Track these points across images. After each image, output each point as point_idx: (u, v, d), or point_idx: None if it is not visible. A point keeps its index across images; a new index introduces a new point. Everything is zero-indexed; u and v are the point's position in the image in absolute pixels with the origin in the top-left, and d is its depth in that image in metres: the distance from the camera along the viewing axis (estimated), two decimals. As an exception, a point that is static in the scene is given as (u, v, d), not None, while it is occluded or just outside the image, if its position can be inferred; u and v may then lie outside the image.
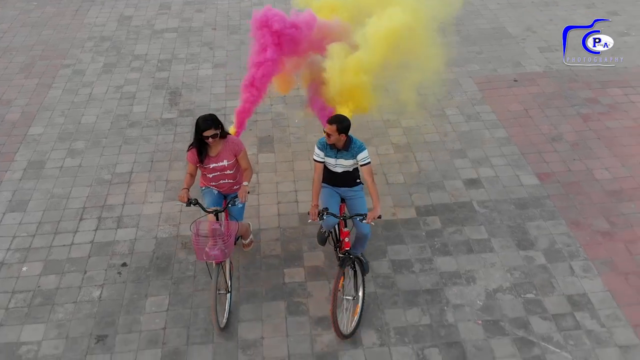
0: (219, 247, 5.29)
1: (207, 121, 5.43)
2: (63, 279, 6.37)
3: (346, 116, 5.47)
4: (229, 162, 5.64)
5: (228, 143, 5.63)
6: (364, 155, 5.52)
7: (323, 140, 5.58)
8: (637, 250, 6.53)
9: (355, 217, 5.49)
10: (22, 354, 5.62)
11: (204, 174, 5.77)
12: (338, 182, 5.76)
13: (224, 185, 5.81)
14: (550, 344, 5.60)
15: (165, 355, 5.57)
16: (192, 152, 5.61)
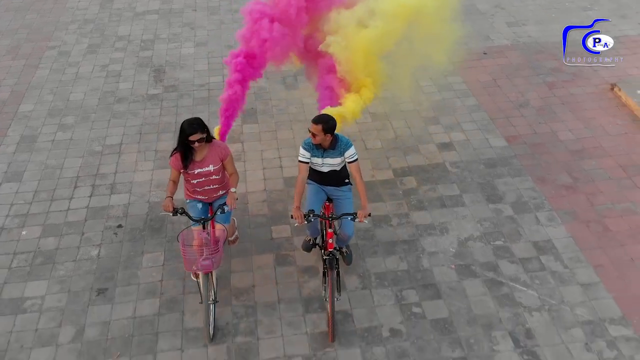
0: (208, 256, 5.14)
1: (193, 125, 5.21)
2: (62, 240, 6.73)
3: (332, 116, 5.38)
4: (215, 166, 5.44)
5: (214, 147, 5.43)
6: (352, 152, 5.45)
7: (309, 141, 5.45)
8: (598, 201, 7.07)
9: (344, 217, 5.37)
10: (27, 307, 5.98)
11: (188, 179, 5.52)
12: (325, 181, 5.69)
13: (208, 191, 5.60)
14: (517, 284, 6.11)
15: (163, 303, 5.98)
16: (176, 157, 5.39)
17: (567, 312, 5.81)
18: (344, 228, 5.62)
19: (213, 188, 5.57)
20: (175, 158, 5.40)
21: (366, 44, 6.81)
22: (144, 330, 5.73)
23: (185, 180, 5.56)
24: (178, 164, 5.40)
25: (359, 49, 6.81)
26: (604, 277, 6.14)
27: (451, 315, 5.82)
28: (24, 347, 5.61)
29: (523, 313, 5.82)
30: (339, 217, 5.40)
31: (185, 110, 8.87)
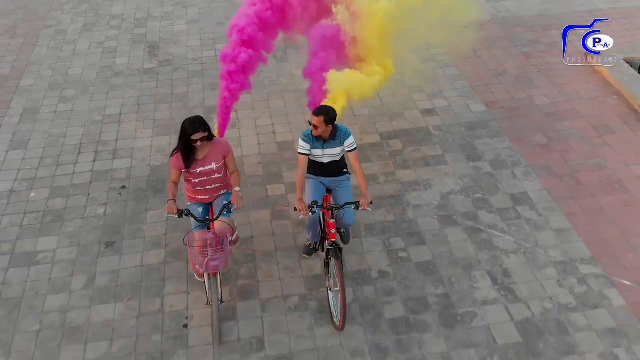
0: (214, 257, 5.15)
1: (195, 124, 5.12)
2: (69, 200, 7.16)
3: (332, 107, 5.39)
4: (217, 164, 5.36)
5: (215, 145, 5.35)
6: (351, 141, 5.45)
7: (308, 133, 5.42)
8: (570, 158, 7.59)
9: (347, 206, 5.37)
10: (40, 259, 6.42)
11: (189, 179, 5.42)
12: (325, 172, 5.67)
13: (210, 190, 5.52)
14: (495, 231, 6.62)
15: (168, 254, 6.43)
16: (177, 157, 5.28)
17: (541, 254, 6.32)
18: (346, 217, 5.56)
19: (215, 187, 5.49)
20: (176, 158, 5.27)
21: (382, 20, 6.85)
22: (151, 277, 6.18)
23: (186, 180, 5.45)
24: (179, 164, 5.27)
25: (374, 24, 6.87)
26: (575, 224, 6.66)
27: (434, 258, 6.32)
28: (39, 294, 6.03)
29: (500, 256, 6.32)
30: (342, 207, 5.36)
31: (181, 82, 9.28)
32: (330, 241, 5.43)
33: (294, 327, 5.68)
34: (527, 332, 5.56)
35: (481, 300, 5.87)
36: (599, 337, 5.50)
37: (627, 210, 6.80)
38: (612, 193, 7.03)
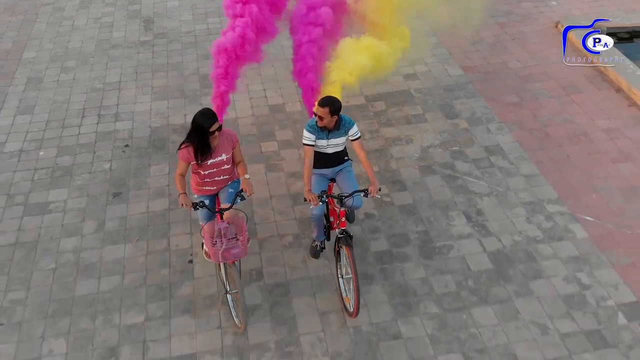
0: (232, 245, 5.12)
1: (210, 115, 5.08)
2: (76, 158, 7.69)
3: (337, 97, 5.42)
4: (227, 155, 5.34)
5: (224, 136, 5.32)
6: (355, 130, 5.50)
7: (313, 123, 5.45)
8: (540, 114, 8.23)
9: (356, 194, 5.40)
10: (52, 209, 6.96)
11: (198, 171, 5.37)
12: (328, 163, 5.71)
13: (219, 182, 5.50)
14: (470, 177, 7.25)
15: (172, 202, 7.00)
16: (188, 150, 5.21)
17: (512, 196, 6.96)
18: (355, 202, 5.53)
19: (223, 179, 5.49)
20: (186, 151, 5.20)
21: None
22: (157, 221, 6.75)
23: (194, 173, 5.41)
24: (189, 157, 5.22)
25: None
26: (543, 170, 7.30)
27: (415, 202, 6.94)
28: (53, 238, 6.58)
29: (475, 198, 6.95)
30: (351, 195, 5.37)
31: (175, 53, 9.81)
32: (340, 229, 5.48)
33: (289, 260, 6.27)
34: (498, 261, 6.19)
35: (457, 235, 6.50)
36: (563, 264, 6.14)
37: (591, 157, 7.44)
38: (577, 143, 7.67)
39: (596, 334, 5.47)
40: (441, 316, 5.65)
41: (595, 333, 5.48)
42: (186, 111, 8.45)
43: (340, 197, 5.38)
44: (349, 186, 5.65)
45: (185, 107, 8.54)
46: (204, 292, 5.91)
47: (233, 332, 5.55)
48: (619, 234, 6.42)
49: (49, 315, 5.78)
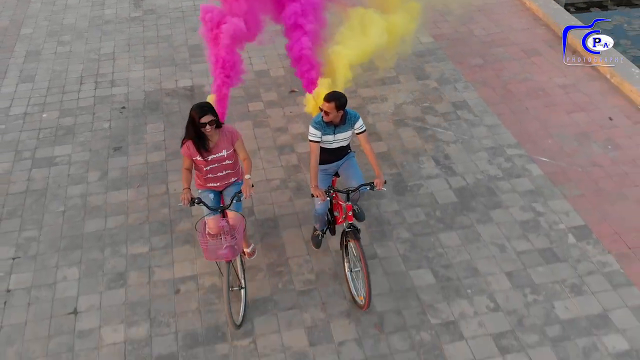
0: (229, 244, 5.18)
1: (203, 108, 5.11)
2: (77, 119, 8.34)
3: (342, 92, 5.42)
4: (227, 151, 5.34)
5: (224, 132, 5.32)
6: (361, 123, 5.53)
7: (319, 120, 5.42)
8: (503, 75, 9.01)
9: (362, 188, 5.41)
10: (58, 161, 7.61)
11: (200, 167, 5.39)
12: (332, 158, 5.71)
13: (221, 177, 5.50)
14: (439, 128, 8.01)
15: (168, 154, 7.67)
16: (188, 145, 5.26)
17: (476, 142, 7.74)
18: (361, 193, 5.60)
19: (226, 174, 5.48)
20: (186, 146, 5.27)
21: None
22: (156, 170, 7.43)
23: (197, 169, 5.45)
24: (190, 152, 5.27)
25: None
26: (504, 121, 8.09)
27: (389, 149, 7.68)
28: (61, 186, 7.24)
29: (442, 145, 7.72)
30: (357, 189, 5.39)
31: (164, 27, 10.47)
32: (347, 223, 5.49)
33: (277, 200, 6.99)
34: (462, 195, 6.96)
35: (426, 175, 7.26)
36: (520, 196, 6.93)
37: (547, 109, 8.25)
38: (536, 98, 8.48)
39: (548, 251, 6.26)
40: (412, 240, 6.39)
41: (547, 250, 6.27)
42: (177, 77, 9.12)
43: (347, 192, 5.38)
44: (354, 178, 5.66)
45: (176, 74, 9.21)
46: (201, 226, 6.61)
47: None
48: (571, 171, 7.22)
49: (61, 249, 6.44)
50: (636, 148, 7.51)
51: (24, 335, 5.59)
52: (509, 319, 5.61)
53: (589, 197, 6.85)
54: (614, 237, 6.35)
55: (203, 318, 5.70)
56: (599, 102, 8.33)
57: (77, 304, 5.86)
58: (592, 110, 8.18)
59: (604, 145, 7.57)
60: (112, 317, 5.73)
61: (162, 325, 5.66)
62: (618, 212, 6.64)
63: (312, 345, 5.46)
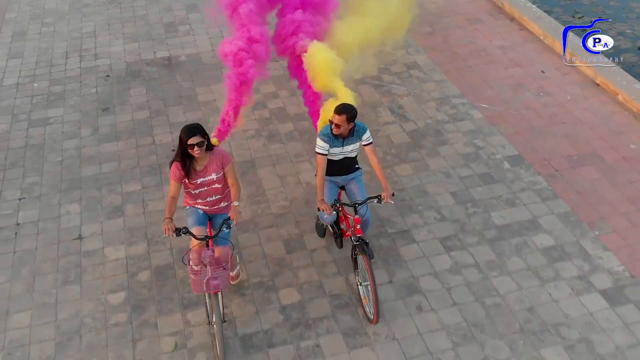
0: (214, 275, 4.91)
1: (192, 129, 4.92)
2: (66, 86, 9.17)
3: (352, 104, 5.35)
4: (217, 175, 5.16)
5: (215, 155, 5.14)
6: (368, 135, 5.46)
7: (327, 132, 5.34)
8: (449, 40, 10.10)
9: (369, 201, 5.36)
10: (52, 121, 8.43)
11: (189, 190, 5.22)
12: (339, 170, 5.62)
13: (211, 202, 5.33)
14: (393, 85, 9.06)
15: (152, 112, 8.55)
16: (176, 166, 5.05)
17: (425, 95, 8.79)
18: (361, 214, 5.44)
19: (216, 199, 5.31)
20: (174, 167, 5.07)
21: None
22: (141, 125, 8.30)
23: (186, 191, 5.30)
24: (179, 174, 5.07)
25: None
26: (450, 77, 9.17)
27: (350, 102, 8.68)
28: (57, 141, 8.07)
29: (397, 98, 8.76)
30: (364, 202, 5.33)
31: (140, 8, 11.34)
32: (356, 236, 5.40)
33: (253, 146, 7.93)
34: (414, 136, 8.00)
35: (383, 122, 8.28)
36: (463, 135, 7.99)
37: (488, 66, 9.36)
38: (478, 57, 9.59)
39: (487, 175, 7.32)
40: (372, 172, 7.36)
41: (486, 175, 7.33)
42: (155, 49, 10.01)
43: (353, 205, 5.34)
44: (359, 195, 5.63)
45: (154, 47, 10.10)
46: (187, 165, 7.51)
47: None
48: (507, 114, 8.32)
49: (62, 190, 7.29)
50: (564, 94, 8.65)
51: (36, 258, 6.42)
52: (453, 226, 6.65)
53: (522, 133, 7.95)
54: (543, 163, 7.45)
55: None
56: (533, 59, 9.48)
57: (81, 231, 6.71)
58: (526, 66, 9.32)
59: (536, 93, 8.70)
60: (113, 240, 6.60)
61: (158, 244, 6.54)
62: (547, 144, 7.74)
63: (289, 253, 6.41)
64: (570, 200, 6.90)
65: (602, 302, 5.78)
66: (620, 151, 7.57)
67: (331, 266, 6.24)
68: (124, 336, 5.63)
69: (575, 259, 6.20)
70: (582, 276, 6.02)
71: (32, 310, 5.87)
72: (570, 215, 6.71)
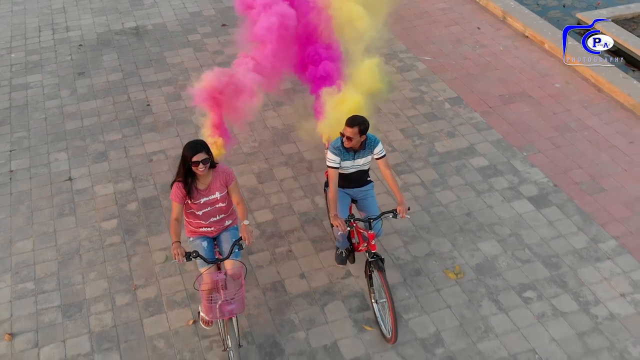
0: (230, 299, 4.67)
1: (197, 145, 4.69)
2: (42, 55, 9.83)
3: (363, 116, 5.12)
4: (221, 194, 4.92)
5: (218, 173, 4.90)
6: (381, 148, 5.24)
7: (338, 145, 5.16)
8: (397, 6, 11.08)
9: (384, 215, 5.16)
10: (33, 85, 9.10)
11: (192, 211, 4.94)
12: (350, 183, 5.44)
13: (215, 223, 5.06)
14: (346, 43, 9.99)
15: (125, 75, 9.29)
16: (177, 186, 4.79)
17: (374, 51, 9.74)
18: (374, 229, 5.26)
19: (220, 218, 5.07)
20: (176, 188, 4.80)
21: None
22: (117, 85, 9.04)
23: (188, 213, 5.00)
24: (180, 194, 4.80)
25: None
26: (397, 35, 10.13)
27: (307, 60, 9.58)
28: (39, 101, 8.76)
29: (350, 54, 9.69)
30: (379, 217, 5.16)
31: (106, -14, 12.02)
32: (371, 252, 5.20)
33: (220, 98, 8.75)
34: (366, 85, 8.95)
35: (338, 74, 9.19)
36: (409, 83, 8.98)
37: (430, 25, 10.37)
38: (421, 18, 10.59)
39: (430, 114, 8.32)
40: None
41: (429, 114, 8.33)
42: (122, 21, 10.73)
43: (368, 220, 5.17)
44: (373, 210, 5.48)
45: (122, 19, 10.81)
46: (163, 119, 8.31)
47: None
48: (447, 64, 9.34)
49: (49, 142, 8.00)
50: (497, 46, 9.72)
51: (32, 197, 7.15)
52: (402, 155, 7.63)
53: (461, 79, 8.99)
54: (479, 102, 8.49)
55: (174, 174, 7.39)
56: (470, 18, 10.54)
57: (71, 174, 7.46)
58: (464, 24, 10.37)
59: (473, 46, 9.75)
60: (101, 179, 7.37)
61: (142, 181, 7.34)
62: (482, 87, 8.79)
63: (260, 183, 7.29)
64: (502, 130, 7.95)
65: (529, 205, 6.82)
66: (546, 90, 8.66)
67: (298, 191, 7.14)
68: (119, 253, 6.42)
69: (506, 174, 7.25)
70: (512, 187, 7.07)
71: (33, 238, 6.61)
72: (502, 141, 7.75)
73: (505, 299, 5.81)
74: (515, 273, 6.06)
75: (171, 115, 8.38)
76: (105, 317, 5.77)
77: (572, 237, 6.40)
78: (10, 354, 5.48)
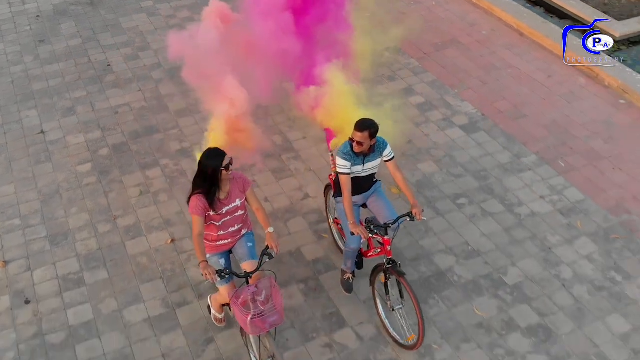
0: (268, 311, 4.44)
1: (219, 150, 4.60)
2: (2, 27, 10.24)
3: (372, 119, 4.97)
4: (240, 200, 4.79)
5: (235, 180, 4.77)
6: (389, 150, 5.13)
7: (347, 150, 5.00)
8: None
9: (401, 219, 4.99)
10: (-5, 54, 9.59)
11: (211, 223, 4.76)
12: (361, 188, 5.27)
13: (233, 233, 4.91)
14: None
15: (84, 40, 9.85)
16: (198, 198, 4.58)
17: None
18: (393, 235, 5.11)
19: (238, 228, 4.93)
20: (197, 200, 4.59)
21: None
22: (77, 49, 9.58)
23: (207, 228, 4.80)
24: (202, 206, 4.59)
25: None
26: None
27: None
28: (4, 67, 9.20)
29: (295, 14, 10.44)
30: (396, 221, 4.99)
31: (56, -39, 12.42)
32: (387, 258, 5.02)
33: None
34: (312, 40, 9.73)
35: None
36: (352, 37, 9.79)
37: None
38: None
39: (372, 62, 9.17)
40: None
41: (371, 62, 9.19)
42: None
43: (385, 226, 4.98)
44: (386, 209, 5.30)
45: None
46: (124, 77, 8.91)
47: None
48: (384, 20, 10.20)
49: (19, 101, 8.51)
50: (430, 1, 10.63)
51: (8, 149, 7.68)
52: (349, 96, 8.44)
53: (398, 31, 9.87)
54: (415, 50, 9.37)
55: (140, 123, 8.06)
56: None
57: (43, 128, 8.03)
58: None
59: (408, 3, 10.64)
60: (72, 130, 7.96)
61: (110, 130, 7.97)
62: (417, 37, 9.61)
63: (220, 126, 7.99)
64: (436, 72, 8.87)
65: (461, 132, 7.76)
66: (474, 36, 9.63)
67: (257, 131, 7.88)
68: (97, 191, 7.07)
69: (440, 108, 8.17)
70: (445, 119, 7.99)
71: (14, 183, 7.19)
72: (436, 82, 8.67)
73: (442, 206, 6.73)
74: (450, 185, 6.98)
75: (132, 73, 8.99)
76: (90, 242, 6.43)
77: (498, 155, 7.36)
78: (6, 277, 6.10)
